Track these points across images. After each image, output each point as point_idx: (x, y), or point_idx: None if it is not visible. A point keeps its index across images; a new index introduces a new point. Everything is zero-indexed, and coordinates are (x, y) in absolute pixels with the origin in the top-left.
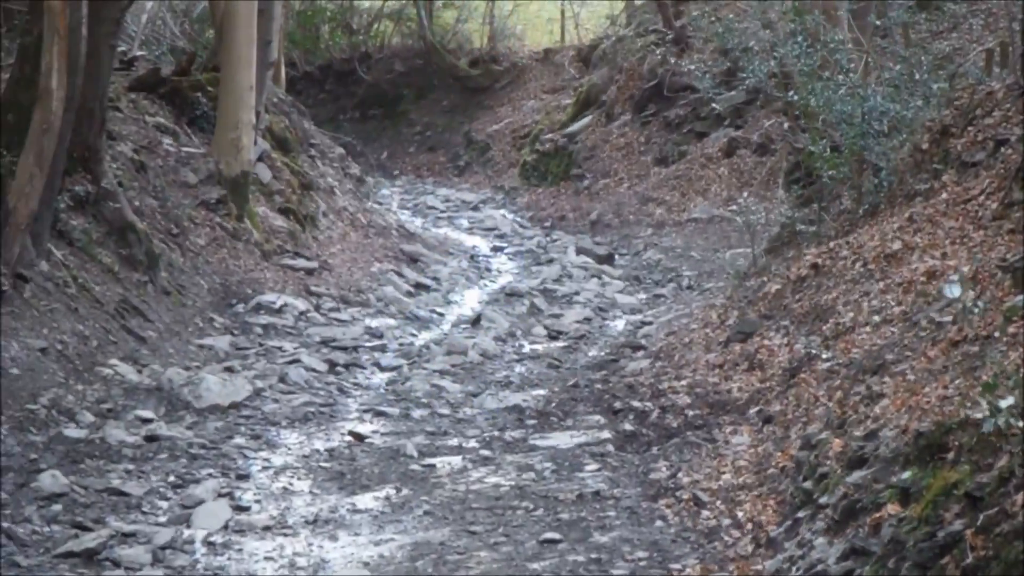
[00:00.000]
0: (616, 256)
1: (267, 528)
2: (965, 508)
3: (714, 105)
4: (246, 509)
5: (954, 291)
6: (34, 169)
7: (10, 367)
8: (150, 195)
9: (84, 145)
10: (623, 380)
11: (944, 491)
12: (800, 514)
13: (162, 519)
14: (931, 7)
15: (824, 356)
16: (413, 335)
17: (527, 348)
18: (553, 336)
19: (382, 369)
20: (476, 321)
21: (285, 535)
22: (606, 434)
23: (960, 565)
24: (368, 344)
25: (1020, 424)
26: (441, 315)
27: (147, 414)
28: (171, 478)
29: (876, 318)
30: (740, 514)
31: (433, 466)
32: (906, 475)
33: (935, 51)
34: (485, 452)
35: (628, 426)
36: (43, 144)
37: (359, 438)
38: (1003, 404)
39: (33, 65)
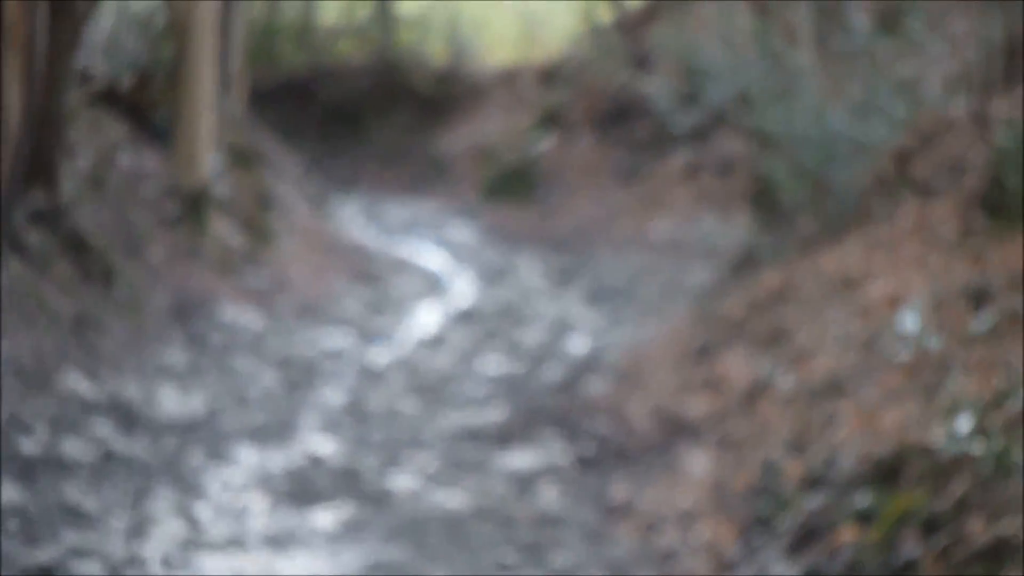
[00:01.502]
0: (577, 275)
1: (224, 546)
2: (922, 533)
3: (673, 127)
4: (203, 526)
5: (911, 323)
6: None
7: None
8: (108, 210)
9: (41, 159)
10: (583, 401)
11: (902, 516)
12: (758, 537)
13: (118, 536)
14: (895, 31)
15: (783, 380)
16: (372, 354)
17: (487, 368)
18: (514, 356)
19: (341, 387)
20: (436, 340)
21: (242, 553)
22: (566, 456)
23: None
24: (327, 362)
25: (977, 450)
26: (400, 334)
27: (104, 430)
28: (127, 494)
29: (835, 342)
30: (698, 537)
31: (391, 486)
32: (864, 500)
33: (897, 76)
34: (443, 473)
35: (588, 448)
36: None
37: (316, 457)
38: (960, 430)
39: None
